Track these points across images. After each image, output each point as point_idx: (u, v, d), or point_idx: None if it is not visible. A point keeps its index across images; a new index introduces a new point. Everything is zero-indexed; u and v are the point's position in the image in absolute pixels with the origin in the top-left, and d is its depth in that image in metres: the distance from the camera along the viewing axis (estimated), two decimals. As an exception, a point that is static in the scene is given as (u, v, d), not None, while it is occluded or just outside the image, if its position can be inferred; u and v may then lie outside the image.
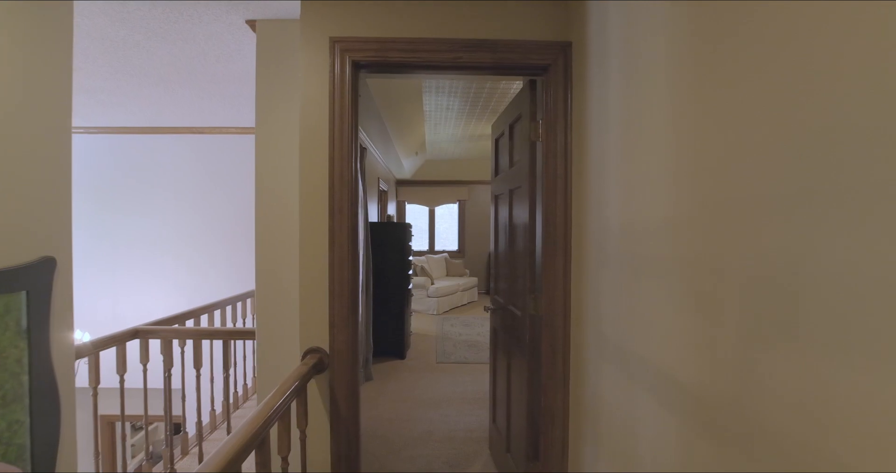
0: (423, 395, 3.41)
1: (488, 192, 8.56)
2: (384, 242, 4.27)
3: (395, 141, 5.25)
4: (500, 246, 2.33)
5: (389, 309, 4.28)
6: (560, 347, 1.64)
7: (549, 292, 1.65)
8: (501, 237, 2.28)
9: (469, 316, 6.41)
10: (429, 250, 8.63)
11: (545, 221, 1.67)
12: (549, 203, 1.65)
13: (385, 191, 6.59)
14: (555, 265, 1.64)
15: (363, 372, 3.63)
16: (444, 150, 7.13)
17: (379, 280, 4.24)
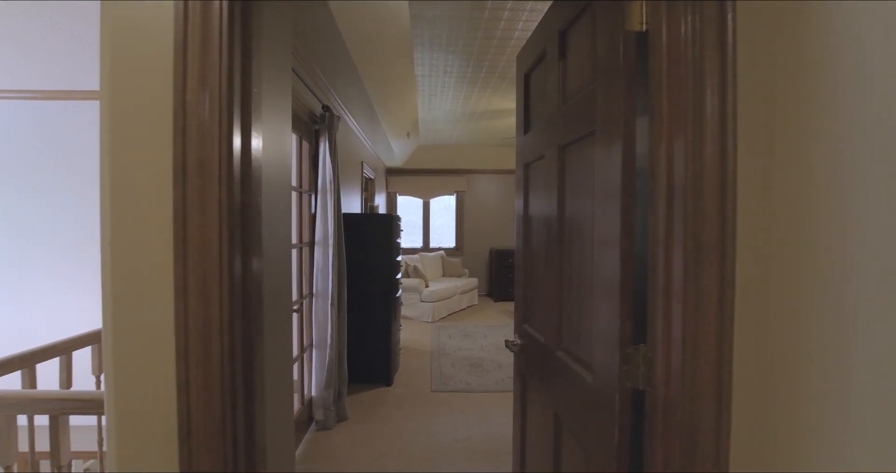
0: (414, 445, 2.53)
1: (489, 182, 7.67)
2: (365, 239, 3.38)
3: (382, 116, 4.35)
4: (533, 245, 1.45)
5: (372, 323, 3.40)
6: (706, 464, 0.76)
7: (680, 348, 0.77)
8: (537, 231, 1.40)
9: (469, 323, 5.54)
10: (423, 247, 7.74)
11: (670, 196, 0.79)
12: (677, 159, 0.78)
13: (371, 179, 5.69)
14: (699, 290, 0.76)
15: (334, 412, 2.74)
16: (440, 133, 6.22)
17: (358, 286, 3.35)
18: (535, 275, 1.41)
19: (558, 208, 1.19)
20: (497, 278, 7.13)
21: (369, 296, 3.39)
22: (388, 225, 3.40)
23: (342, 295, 2.84)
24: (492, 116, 5.17)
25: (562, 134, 1.17)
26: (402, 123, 4.97)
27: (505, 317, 5.91)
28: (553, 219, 1.22)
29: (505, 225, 7.73)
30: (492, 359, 4.05)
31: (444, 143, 6.93)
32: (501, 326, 5.39)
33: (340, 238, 2.83)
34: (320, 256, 2.67)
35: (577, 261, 1.09)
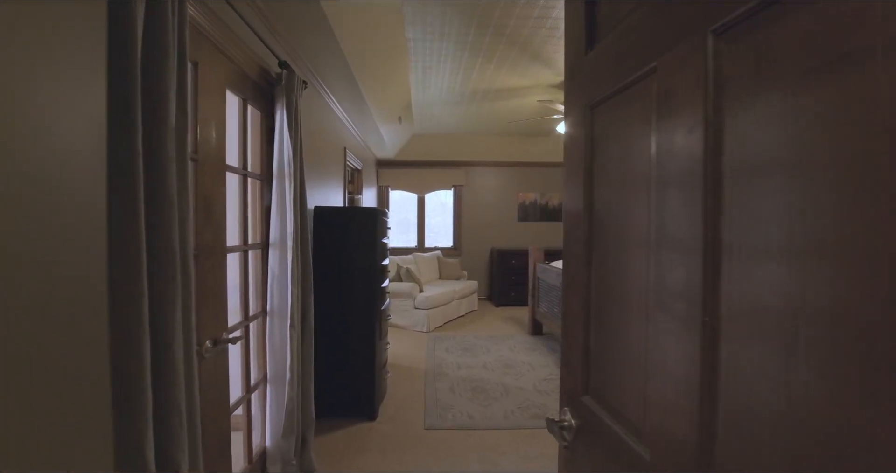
0: (400, 516, 1.88)
1: (490, 176, 7.02)
2: (342, 238, 2.72)
3: (368, 95, 3.69)
4: (611, 256, 0.80)
5: (350, 344, 2.74)
6: None
7: None
8: (619, 229, 0.75)
9: (469, 334, 4.89)
10: (418, 247, 7.09)
11: None
12: None
13: (358, 170, 5.02)
14: None
15: (297, 466, 2.09)
16: (437, 120, 5.55)
17: (331, 298, 2.70)
18: (621, 312, 0.75)
19: (707, 178, 0.53)
20: (499, 281, 6.49)
21: (347, 311, 2.73)
22: (371, 220, 2.74)
23: (307, 313, 2.18)
24: (496, 97, 4.51)
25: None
26: (393, 105, 4.31)
27: (508, 326, 5.27)
28: (692, 200, 0.56)
29: (507, 222, 7.08)
30: (497, 382, 3.41)
31: (440, 132, 6.27)
32: (505, 338, 4.74)
33: (305, 237, 2.17)
34: (276, 262, 2.01)
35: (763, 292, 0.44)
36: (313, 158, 2.98)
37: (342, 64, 2.92)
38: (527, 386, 3.35)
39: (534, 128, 5.89)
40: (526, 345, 4.45)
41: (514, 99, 4.48)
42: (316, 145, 3.06)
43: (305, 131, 2.71)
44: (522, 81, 3.95)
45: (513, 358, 4.01)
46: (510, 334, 4.91)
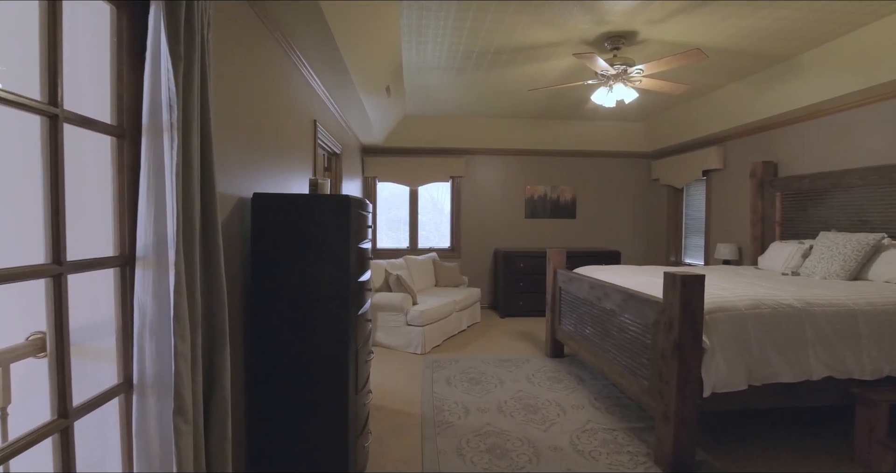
0: None
1: (494, 165, 6.10)
2: (297, 244, 1.77)
3: (347, 55, 2.74)
4: None
5: (309, 402, 1.80)
6: None
7: None
8: None
9: (474, 355, 3.97)
10: (410, 248, 6.15)
11: None
12: None
13: (337, 154, 4.06)
14: None
15: None
16: (433, 96, 4.61)
17: (280, 337, 1.76)
18: None
19: None
20: (505, 287, 5.58)
21: (304, 353, 1.79)
22: (341, 214, 1.79)
23: (218, 380, 1.22)
24: (510, 60, 3.57)
25: None
26: (379, 70, 3.35)
27: (520, 344, 4.36)
28: None
29: (513, 220, 6.16)
30: (521, 437, 2.49)
31: (437, 113, 5.33)
32: (519, 361, 3.83)
33: (211, 243, 1.22)
34: (147, 290, 1.06)
35: None
36: (263, 128, 2.03)
37: (312, 10, 1.97)
38: (562, 442, 2.44)
39: (556, 104, 4.96)
40: (547, 373, 3.55)
41: (535, 63, 3.55)
42: (266, 110, 2.11)
43: (251, 89, 1.76)
44: (549, 35, 3.03)
45: (534, 395, 3.10)
46: (524, 356, 4.00)
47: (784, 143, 4.18)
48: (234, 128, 1.74)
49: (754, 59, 3.44)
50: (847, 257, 3.06)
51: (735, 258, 4.64)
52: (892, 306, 2.38)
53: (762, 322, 2.25)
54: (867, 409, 2.26)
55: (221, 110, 1.62)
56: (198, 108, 1.14)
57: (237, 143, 1.78)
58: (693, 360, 2.11)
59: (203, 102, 1.17)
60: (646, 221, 6.40)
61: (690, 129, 5.07)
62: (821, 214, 3.70)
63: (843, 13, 2.70)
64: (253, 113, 1.96)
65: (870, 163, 3.39)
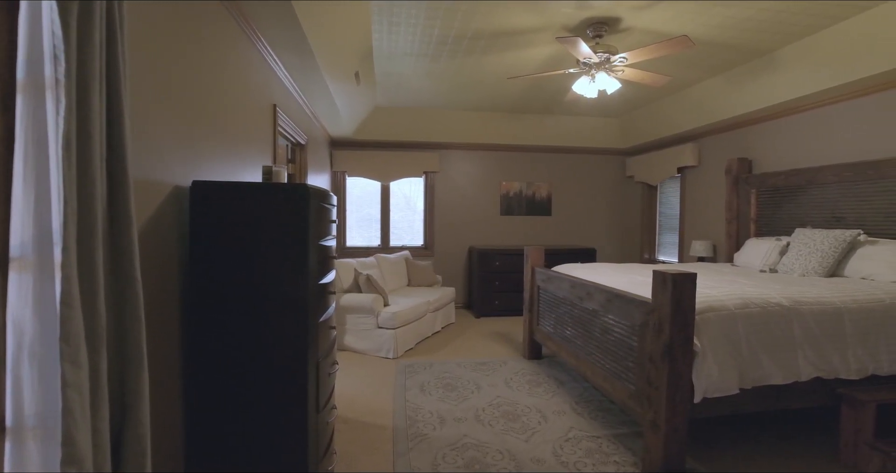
0: None
1: (469, 161, 5.92)
2: (246, 241, 1.52)
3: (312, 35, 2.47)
4: None
5: (264, 422, 1.55)
6: None
7: None
8: None
9: (449, 359, 3.77)
10: (381, 246, 5.89)
11: None
12: None
13: (301, 145, 3.77)
14: None
15: None
16: (405, 85, 4.38)
17: (227, 349, 1.50)
18: None
19: None
20: (480, 287, 5.41)
21: (256, 366, 1.54)
22: (299, 206, 1.55)
23: (131, 418, 0.96)
24: (488, 47, 3.39)
25: None
26: (347, 53, 3.10)
27: (497, 346, 4.19)
28: None
29: (488, 217, 6.01)
30: (501, 449, 2.31)
31: (410, 104, 5.09)
32: (496, 364, 3.66)
33: (122, 238, 0.96)
34: (24, 304, 0.80)
35: None
36: (209, 108, 1.75)
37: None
38: (544, 453, 2.28)
39: (533, 97, 4.81)
40: (526, 376, 3.39)
41: (513, 50, 3.37)
42: (214, 87, 1.83)
43: (193, 61, 1.49)
44: (529, 19, 2.85)
45: (513, 401, 2.93)
46: (502, 358, 3.83)
47: (759, 140, 4.18)
48: (169, 104, 1.47)
49: (735, 52, 3.38)
50: (825, 254, 3.04)
51: (710, 255, 4.63)
52: (876, 303, 2.33)
53: (752, 321, 2.14)
54: (853, 409, 2.20)
55: (152, 80, 1.35)
56: (101, 63, 0.88)
57: (174, 122, 1.51)
58: (684, 364, 1.98)
59: (111, 56, 0.91)
60: (620, 219, 6.37)
61: (666, 126, 5.04)
62: (796, 211, 3.70)
63: (827, 5, 2.64)
64: (196, 89, 1.69)
65: (844, 159, 3.39)
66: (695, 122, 4.60)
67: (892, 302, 2.35)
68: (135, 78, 1.26)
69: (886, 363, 2.30)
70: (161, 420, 1.40)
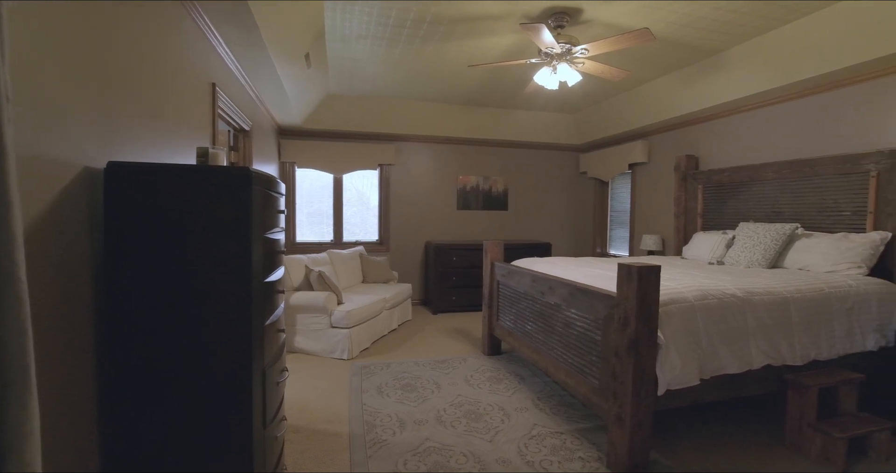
0: None
1: (425, 153, 5.79)
2: (176, 233, 1.30)
3: (257, 8, 2.22)
4: None
5: (201, 443, 1.34)
6: None
7: None
8: None
9: (407, 358, 3.63)
10: (334, 242, 5.63)
11: None
12: None
13: (245, 131, 3.47)
14: None
15: None
16: (360, 71, 4.16)
17: (154, 359, 1.28)
18: None
19: None
20: (437, 282, 5.30)
21: (190, 379, 1.33)
22: (241, 192, 1.35)
23: (12, 454, 0.76)
24: (447, 34, 3.26)
25: None
26: (296, 29, 2.85)
27: (455, 342, 4.11)
28: None
29: (445, 211, 5.90)
30: (466, 451, 2.21)
31: (364, 92, 4.87)
32: (456, 362, 3.57)
33: (5, 241, 0.74)
34: None
35: None
36: (130, 79, 1.49)
37: None
38: (509, 453, 2.20)
39: (492, 89, 4.74)
40: (486, 373, 3.32)
41: (474, 38, 3.26)
42: (137, 57, 1.57)
43: (110, 25, 1.23)
44: (491, 6, 2.75)
45: (475, 399, 2.84)
46: (461, 355, 3.75)
47: (706, 138, 4.35)
48: (78, 72, 1.22)
49: (687, 51, 3.47)
50: (767, 246, 3.19)
51: (659, 249, 4.79)
52: (818, 292, 2.46)
53: (710, 313, 2.18)
54: (798, 394, 2.30)
55: (54, 45, 1.10)
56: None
57: (83, 92, 1.26)
58: (649, 357, 1.97)
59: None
60: (574, 214, 6.49)
61: (618, 123, 5.15)
62: (739, 206, 3.88)
63: (773, 7, 2.74)
64: (117, 58, 1.43)
65: (783, 157, 3.59)
66: (645, 120, 4.73)
67: (829, 291, 2.49)
68: (29, 41, 1.01)
69: (826, 349, 2.43)
70: (67, 457, 1.16)
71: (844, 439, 2.10)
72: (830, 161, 3.14)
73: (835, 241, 2.94)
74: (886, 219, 2.87)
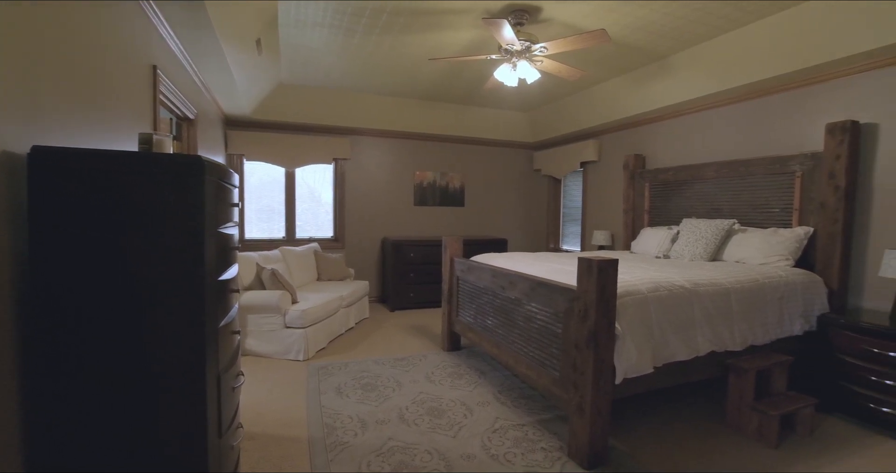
0: None
1: (382, 148, 5.69)
2: (122, 223, 1.17)
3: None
4: None
5: (148, 457, 1.22)
6: None
7: None
8: None
9: (366, 357, 3.56)
10: (287, 239, 5.40)
11: None
12: None
13: (190, 120, 3.24)
14: None
15: None
16: (315, 61, 4.00)
17: (92, 367, 1.15)
18: None
19: None
20: (394, 279, 5.23)
21: (135, 387, 1.21)
22: (191, 182, 1.24)
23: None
24: (407, 26, 3.20)
25: None
26: (246, 12, 2.68)
27: (414, 339, 4.07)
28: None
29: (402, 207, 5.83)
30: (430, 449, 2.19)
31: (319, 83, 4.69)
32: (416, 359, 3.54)
33: None
34: None
35: None
36: (57, 57, 1.32)
37: None
38: (473, 447, 2.21)
39: (451, 84, 4.71)
40: (447, 369, 3.32)
41: (434, 32, 3.22)
42: (67, 32, 1.40)
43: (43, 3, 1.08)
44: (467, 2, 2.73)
45: (437, 396, 2.83)
46: (421, 352, 3.72)
47: (652, 138, 4.58)
48: (-10, 38, 1.06)
49: (638, 54, 3.62)
50: (708, 241, 3.41)
51: (609, 244, 5.00)
52: (754, 283, 2.65)
53: (662, 304, 2.29)
54: (738, 377, 2.48)
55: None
56: None
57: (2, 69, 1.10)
58: (607, 348, 2.04)
59: None
60: (528, 210, 6.63)
61: (570, 123, 5.31)
62: (683, 203, 4.12)
63: (716, 16, 2.92)
64: (38, 30, 1.26)
65: (722, 158, 3.85)
66: (596, 120, 4.90)
67: (764, 281, 2.70)
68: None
69: (761, 335, 2.63)
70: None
71: (777, 416, 2.29)
72: (762, 162, 3.40)
73: (766, 236, 3.19)
74: (809, 215, 3.15)
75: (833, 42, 2.75)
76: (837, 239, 2.93)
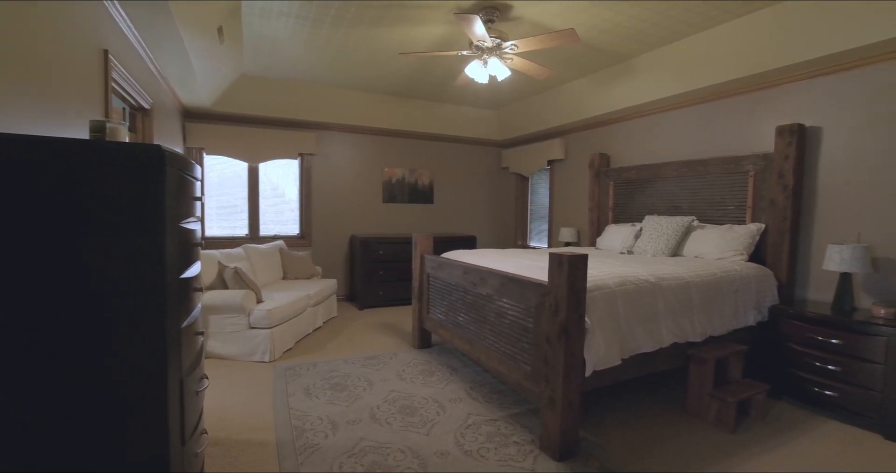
0: None
1: (349, 143, 5.59)
2: (75, 217, 1.08)
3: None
4: None
5: (109, 467, 1.14)
6: None
7: None
8: None
9: (335, 357, 3.49)
10: (250, 236, 5.21)
11: None
12: None
13: (146, 110, 3.05)
14: None
15: None
16: (280, 52, 3.87)
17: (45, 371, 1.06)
18: None
19: None
20: (363, 277, 5.15)
21: (92, 393, 1.12)
22: (151, 174, 1.16)
23: None
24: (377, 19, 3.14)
25: None
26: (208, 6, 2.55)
27: (385, 338, 4.03)
28: None
29: (370, 204, 5.75)
30: (403, 447, 2.17)
31: (284, 76, 4.54)
32: (386, 358, 3.50)
33: None
34: None
35: None
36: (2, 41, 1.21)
37: None
38: (447, 444, 2.21)
39: (421, 80, 4.67)
40: (418, 366, 3.30)
41: (405, 25, 3.18)
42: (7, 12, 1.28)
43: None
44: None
45: (409, 394, 2.81)
46: (391, 351, 3.68)
47: (617, 138, 4.72)
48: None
49: (604, 55, 3.71)
50: (669, 237, 3.55)
51: (575, 240, 5.12)
52: (712, 277, 2.78)
53: (629, 298, 2.36)
54: (699, 367, 2.59)
55: None
56: None
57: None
58: (578, 342, 2.08)
59: None
60: (496, 207, 6.69)
61: (538, 121, 5.39)
62: (645, 201, 4.27)
63: (677, 21, 3.03)
64: None
65: (682, 157, 4.01)
66: (563, 119, 5.00)
67: (721, 275, 2.83)
68: None
69: (719, 326, 2.76)
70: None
71: (735, 403, 2.41)
72: (719, 162, 3.57)
73: (723, 232, 3.35)
74: (761, 212, 3.33)
75: (781, 50, 2.91)
76: (786, 235, 3.12)
